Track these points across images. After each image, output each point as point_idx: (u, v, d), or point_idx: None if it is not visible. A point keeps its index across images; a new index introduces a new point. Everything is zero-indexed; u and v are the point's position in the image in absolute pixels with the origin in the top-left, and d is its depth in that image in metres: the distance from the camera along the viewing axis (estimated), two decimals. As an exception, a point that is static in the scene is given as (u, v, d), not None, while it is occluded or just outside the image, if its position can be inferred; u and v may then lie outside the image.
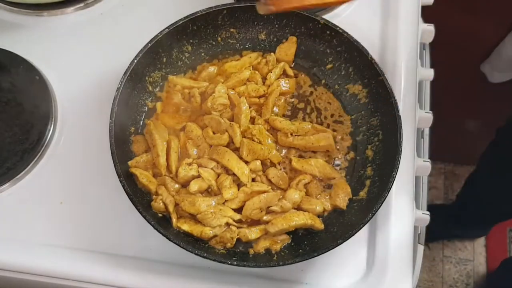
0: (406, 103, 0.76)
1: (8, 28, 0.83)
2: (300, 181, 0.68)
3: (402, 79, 0.78)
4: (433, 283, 1.80)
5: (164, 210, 0.66)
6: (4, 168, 0.71)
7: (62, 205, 0.70)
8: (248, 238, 0.65)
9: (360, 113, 0.73)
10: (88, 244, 0.68)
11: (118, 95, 0.65)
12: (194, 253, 0.59)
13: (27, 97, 0.76)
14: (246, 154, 0.67)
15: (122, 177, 0.62)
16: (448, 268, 1.82)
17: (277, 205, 0.66)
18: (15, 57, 0.78)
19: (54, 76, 0.79)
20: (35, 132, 0.74)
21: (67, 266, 0.66)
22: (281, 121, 0.71)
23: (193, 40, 0.74)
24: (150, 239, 0.66)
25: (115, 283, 0.65)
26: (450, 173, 1.96)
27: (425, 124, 0.81)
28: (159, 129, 0.70)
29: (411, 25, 0.82)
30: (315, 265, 0.67)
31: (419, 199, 0.79)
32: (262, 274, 0.67)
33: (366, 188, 0.68)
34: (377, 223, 0.69)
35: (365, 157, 0.71)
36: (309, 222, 0.65)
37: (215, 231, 0.65)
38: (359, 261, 0.68)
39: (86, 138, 0.75)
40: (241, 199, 0.66)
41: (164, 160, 0.68)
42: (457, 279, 1.81)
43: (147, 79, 0.72)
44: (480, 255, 1.84)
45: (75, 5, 0.84)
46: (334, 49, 0.74)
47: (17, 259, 0.67)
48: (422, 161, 0.77)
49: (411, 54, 0.80)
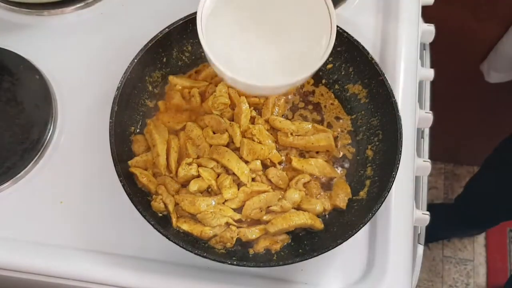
0: (406, 103, 0.76)
1: (8, 28, 0.83)
2: (299, 180, 0.68)
3: (402, 79, 0.78)
4: (433, 283, 1.80)
5: (164, 210, 0.66)
6: (4, 168, 0.71)
7: (62, 205, 0.70)
8: (248, 238, 0.65)
9: (360, 113, 0.73)
10: (88, 244, 0.68)
11: (118, 95, 0.65)
12: (194, 253, 0.59)
13: (27, 97, 0.76)
14: (246, 154, 0.67)
15: (122, 177, 0.62)
16: (448, 268, 1.82)
17: (277, 205, 0.66)
18: (15, 57, 0.78)
19: (54, 76, 0.79)
20: (35, 132, 0.74)
21: (67, 266, 0.66)
22: (281, 121, 0.71)
23: (193, 40, 0.74)
24: (150, 239, 0.66)
25: (115, 282, 0.65)
26: (450, 173, 1.96)
27: (425, 124, 0.81)
28: (159, 129, 0.70)
29: (411, 25, 0.82)
30: (315, 265, 0.67)
31: (419, 199, 0.79)
32: (262, 274, 0.67)
33: (366, 188, 0.68)
34: (377, 223, 0.69)
35: (365, 157, 0.71)
36: (309, 222, 0.66)
37: (215, 231, 0.65)
38: (359, 261, 0.68)
39: (86, 138, 0.75)
40: (241, 199, 0.66)
41: (164, 160, 0.68)
42: (457, 279, 1.81)
43: (147, 79, 0.72)
44: (480, 255, 1.84)
45: (75, 5, 0.84)
46: (334, 49, 0.73)
47: (17, 258, 0.67)
48: (422, 161, 0.77)
49: (411, 54, 0.80)
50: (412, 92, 0.78)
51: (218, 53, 0.56)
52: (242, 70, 0.56)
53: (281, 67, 0.59)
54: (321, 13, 0.56)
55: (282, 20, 0.60)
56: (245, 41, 0.59)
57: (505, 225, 1.84)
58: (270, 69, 0.59)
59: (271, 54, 0.59)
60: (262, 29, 0.60)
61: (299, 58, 0.58)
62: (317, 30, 0.57)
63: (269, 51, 0.59)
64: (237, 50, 0.59)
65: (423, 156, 0.83)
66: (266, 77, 0.57)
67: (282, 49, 0.60)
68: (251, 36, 0.59)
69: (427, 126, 0.82)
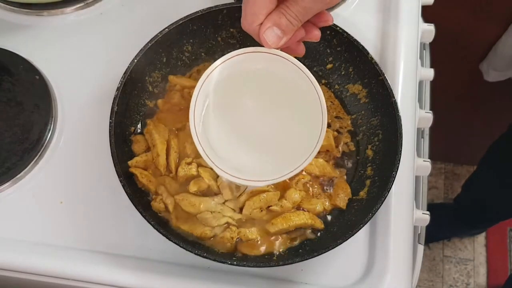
0: (406, 103, 0.76)
1: (8, 28, 0.83)
2: (299, 180, 0.68)
3: (402, 79, 0.78)
4: (433, 283, 1.80)
5: (164, 210, 0.66)
6: (4, 168, 0.71)
7: (62, 205, 0.70)
8: (248, 238, 0.65)
9: (360, 113, 0.73)
10: (88, 244, 0.68)
11: (118, 95, 0.65)
12: (194, 253, 0.59)
13: (27, 97, 0.76)
14: (246, 154, 0.67)
15: (122, 177, 0.62)
16: (448, 268, 1.82)
17: (277, 205, 0.66)
18: (15, 57, 0.78)
19: (54, 76, 0.79)
20: (35, 132, 0.74)
21: (67, 266, 0.66)
22: (281, 121, 0.71)
23: (193, 40, 0.74)
24: (150, 239, 0.66)
25: (114, 283, 0.65)
26: (450, 173, 1.96)
27: (425, 124, 0.81)
28: (159, 129, 0.70)
29: (411, 25, 0.82)
30: (315, 265, 0.67)
31: (419, 199, 0.79)
32: (262, 274, 0.67)
33: (366, 188, 0.68)
34: (377, 223, 0.69)
35: (365, 157, 0.71)
36: (309, 222, 0.66)
37: (215, 231, 0.65)
38: (359, 261, 0.68)
39: (86, 138, 0.75)
40: (241, 199, 0.66)
41: (164, 160, 0.68)
42: (457, 279, 1.81)
43: (147, 79, 0.72)
44: (480, 255, 1.84)
45: (75, 5, 0.84)
46: (334, 49, 0.74)
47: (17, 259, 0.67)
48: (422, 161, 0.77)
49: (411, 54, 0.80)
50: (412, 92, 0.78)
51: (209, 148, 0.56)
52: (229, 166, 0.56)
53: (272, 164, 0.58)
54: (314, 111, 0.56)
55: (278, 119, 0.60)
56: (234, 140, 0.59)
57: (505, 225, 1.85)
58: (260, 168, 0.59)
59: (262, 155, 0.59)
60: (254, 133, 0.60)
61: (290, 155, 0.57)
62: (310, 128, 0.56)
63: (261, 152, 0.59)
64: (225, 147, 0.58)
65: (423, 156, 0.83)
66: (253, 175, 0.56)
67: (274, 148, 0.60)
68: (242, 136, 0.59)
69: (427, 126, 0.82)
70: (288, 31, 0.52)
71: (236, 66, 0.55)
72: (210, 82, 0.55)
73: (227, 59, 0.55)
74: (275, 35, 0.52)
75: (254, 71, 0.56)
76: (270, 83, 0.58)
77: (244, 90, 0.58)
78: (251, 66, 0.56)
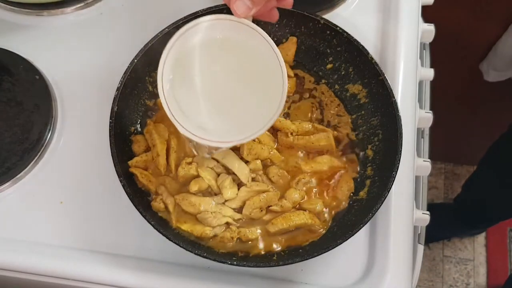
0: (406, 103, 0.76)
1: (8, 28, 0.83)
2: (300, 180, 0.68)
3: (402, 79, 0.78)
4: (433, 283, 1.80)
5: (164, 210, 0.66)
6: (4, 168, 0.71)
7: (62, 205, 0.70)
8: (248, 238, 0.65)
9: (360, 113, 0.73)
10: (88, 244, 0.68)
11: (118, 95, 0.65)
12: (194, 253, 0.59)
13: (27, 97, 0.76)
14: (246, 154, 0.67)
15: (122, 177, 0.62)
16: (448, 268, 1.82)
17: (277, 205, 0.66)
18: (15, 57, 0.78)
19: (54, 76, 0.79)
20: (35, 132, 0.74)
21: (67, 266, 0.66)
22: (281, 120, 0.71)
23: (193, 40, 0.74)
24: (150, 239, 0.66)
25: (114, 283, 0.65)
26: (450, 173, 1.96)
27: (425, 124, 0.81)
28: (159, 128, 0.70)
29: (411, 25, 0.82)
30: (315, 265, 0.67)
31: (419, 199, 0.79)
32: (262, 274, 0.67)
33: (366, 188, 0.68)
34: (377, 223, 0.69)
35: (365, 157, 0.71)
36: (309, 222, 0.66)
37: (215, 231, 0.65)
38: (359, 261, 0.68)
39: (86, 138, 0.75)
40: (241, 199, 0.66)
41: (164, 160, 0.68)
42: (457, 279, 1.81)
43: (147, 79, 0.72)
44: (480, 255, 1.84)
45: (75, 5, 0.84)
46: (334, 49, 0.74)
47: (17, 259, 0.67)
48: (422, 161, 0.77)
49: (411, 54, 0.80)
50: (412, 92, 0.78)
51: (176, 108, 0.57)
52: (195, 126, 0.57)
53: (235, 125, 0.60)
54: (276, 77, 0.58)
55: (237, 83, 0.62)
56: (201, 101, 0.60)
57: (505, 225, 1.84)
58: (225, 128, 0.60)
59: (226, 116, 0.61)
60: (219, 92, 0.61)
61: (254, 118, 0.59)
62: (272, 92, 0.58)
63: (225, 114, 0.61)
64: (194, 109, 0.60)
65: (423, 156, 0.83)
66: (219, 135, 0.58)
67: (238, 108, 0.61)
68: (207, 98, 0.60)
69: (427, 126, 0.82)
70: (258, 2, 0.55)
71: (207, 32, 0.58)
72: (181, 45, 0.57)
73: (197, 24, 0.57)
74: (245, 5, 0.55)
75: (223, 39, 0.59)
76: (236, 50, 0.60)
77: (212, 56, 0.60)
78: (221, 34, 0.58)
